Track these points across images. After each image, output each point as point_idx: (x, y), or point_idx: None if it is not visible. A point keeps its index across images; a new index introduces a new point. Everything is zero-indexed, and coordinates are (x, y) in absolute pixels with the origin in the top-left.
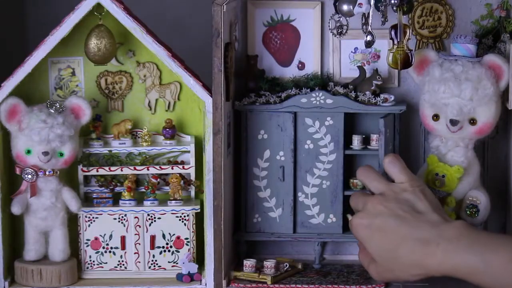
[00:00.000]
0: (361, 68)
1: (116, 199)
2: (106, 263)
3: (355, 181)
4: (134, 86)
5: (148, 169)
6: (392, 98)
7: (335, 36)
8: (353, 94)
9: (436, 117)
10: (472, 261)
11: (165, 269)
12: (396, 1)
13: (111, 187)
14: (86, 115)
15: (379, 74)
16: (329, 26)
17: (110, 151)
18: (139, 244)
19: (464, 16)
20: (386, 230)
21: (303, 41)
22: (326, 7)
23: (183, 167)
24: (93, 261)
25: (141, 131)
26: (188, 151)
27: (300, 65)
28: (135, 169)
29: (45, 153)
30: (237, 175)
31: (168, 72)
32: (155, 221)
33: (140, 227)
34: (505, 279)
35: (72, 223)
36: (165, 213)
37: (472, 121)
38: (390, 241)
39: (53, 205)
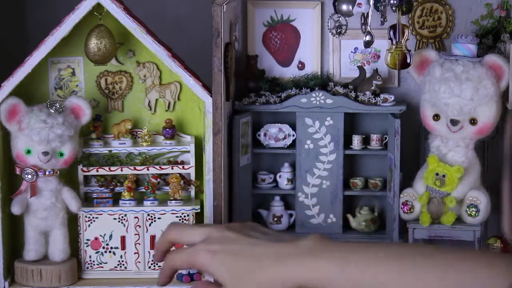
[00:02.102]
0: (361, 68)
1: (116, 199)
2: (106, 263)
3: (355, 181)
4: (134, 86)
5: (148, 169)
6: (392, 98)
7: (334, 36)
8: (353, 94)
9: (436, 117)
10: (330, 271)
11: None
12: (395, 1)
13: (111, 187)
14: (86, 115)
15: (379, 74)
16: (328, 26)
17: (110, 151)
18: (139, 244)
19: (464, 16)
20: (239, 253)
21: (303, 41)
22: (326, 7)
23: (183, 167)
24: (93, 261)
25: (141, 131)
26: (188, 151)
27: (300, 65)
28: (135, 169)
29: (45, 153)
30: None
31: (168, 72)
32: (155, 221)
33: (140, 227)
34: (361, 287)
35: (72, 223)
36: (165, 213)
37: (473, 121)
38: (245, 263)
39: (53, 205)
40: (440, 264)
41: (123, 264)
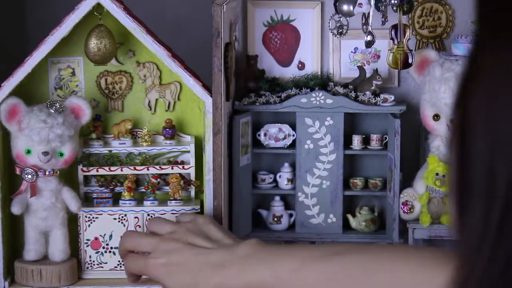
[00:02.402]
0: (361, 68)
1: (116, 199)
2: (106, 263)
3: (355, 181)
4: (134, 86)
5: (148, 169)
6: (392, 98)
7: (335, 36)
8: (353, 94)
9: (436, 117)
10: (263, 276)
11: None
12: (396, 1)
13: (111, 187)
14: (86, 115)
15: (379, 74)
16: (329, 26)
17: (110, 151)
18: None
19: (464, 16)
20: (184, 264)
21: (303, 41)
22: (326, 7)
23: (183, 167)
24: (93, 261)
25: (141, 131)
26: (188, 151)
27: (300, 65)
28: (135, 169)
29: (45, 153)
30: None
31: (168, 72)
32: None
33: (140, 227)
34: None
35: (72, 223)
36: (165, 213)
37: None
38: (190, 274)
39: (53, 205)
40: (370, 263)
41: (123, 264)
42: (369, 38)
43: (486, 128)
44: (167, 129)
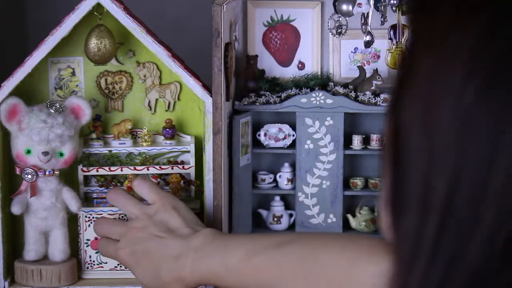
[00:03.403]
0: (361, 68)
1: None
2: (106, 263)
3: (355, 181)
4: (134, 86)
5: (148, 169)
6: None
7: (334, 36)
8: (353, 94)
9: None
10: (215, 266)
11: None
12: (395, 1)
13: (111, 187)
14: (86, 115)
15: (379, 74)
16: (328, 26)
17: (110, 151)
18: None
19: None
20: (148, 255)
21: (303, 41)
22: (326, 7)
23: (183, 167)
24: (93, 261)
25: (141, 131)
26: (188, 151)
27: (300, 65)
28: (135, 169)
29: (45, 153)
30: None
31: (168, 72)
32: None
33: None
34: (243, 278)
35: (72, 223)
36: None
37: None
38: (152, 264)
39: (53, 205)
40: (312, 252)
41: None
42: (368, 38)
43: (422, 139)
44: (167, 129)
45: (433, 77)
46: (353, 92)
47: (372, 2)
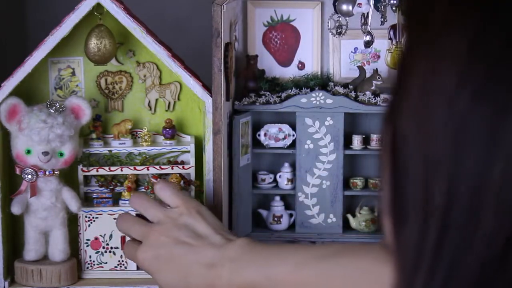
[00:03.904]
0: (361, 68)
1: (116, 199)
2: (106, 263)
3: (355, 181)
4: (134, 86)
5: (148, 169)
6: None
7: (334, 36)
8: (353, 94)
9: None
10: (255, 277)
11: None
12: (395, 1)
13: (111, 187)
14: (86, 115)
15: (379, 74)
16: (328, 25)
17: (110, 151)
18: None
19: None
20: (174, 260)
21: (303, 41)
22: (326, 7)
23: (183, 167)
24: (93, 261)
25: (141, 131)
26: (188, 151)
27: (300, 65)
28: (135, 169)
29: (45, 153)
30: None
31: (168, 72)
32: None
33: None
34: None
35: (72, 223)
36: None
37: None
38: (179, 270)
39: (53, 205)
40: (362, 263)
41: (123, 264)
42: (368, 38)
43: (418, 147)
44: (167, 129)
45: (426, 83)
46: (353, 92)
47: (372, 2)
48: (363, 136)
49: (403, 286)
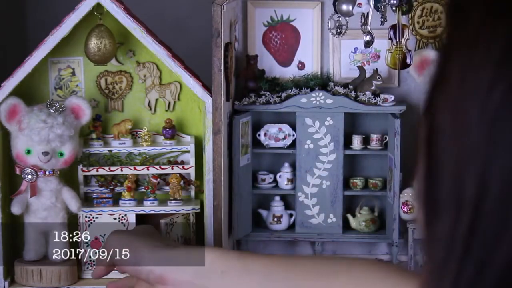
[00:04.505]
0: (361, 68)
1: (116, 199)
2: None
3: (355, 181)
4: (134, 86)
5: (148, 169)
6: (392, 98)
7: (334, 36)
8: (353, 94)
9: None
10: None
11: None
12: (395, 1)
13: (111, 187)
14: (86, 115)
15: (379, 74)
16: (328, 25)
17: (110, 151)
18: None
19: None
20: None
21: (303, 41)
22: (326, 7)
23: (183, 167)
24: (93, 261)
25: (141, 131)
26: (188, 151)
27: (300, 65)
28: (135, 169)
29: (45, 153)
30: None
31: (168, 72)
32: None
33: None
34: None
35: (72, 223)
36: (165, 213)
37: None
38: None
39: (53, 205)
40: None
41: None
42: (368, 38)
43: (453, 140)
44: (167, 129)
45: (463, 79)
46: (353, 92)
47: (372, 2)
48: (363, 136)
49: (433, 278)
